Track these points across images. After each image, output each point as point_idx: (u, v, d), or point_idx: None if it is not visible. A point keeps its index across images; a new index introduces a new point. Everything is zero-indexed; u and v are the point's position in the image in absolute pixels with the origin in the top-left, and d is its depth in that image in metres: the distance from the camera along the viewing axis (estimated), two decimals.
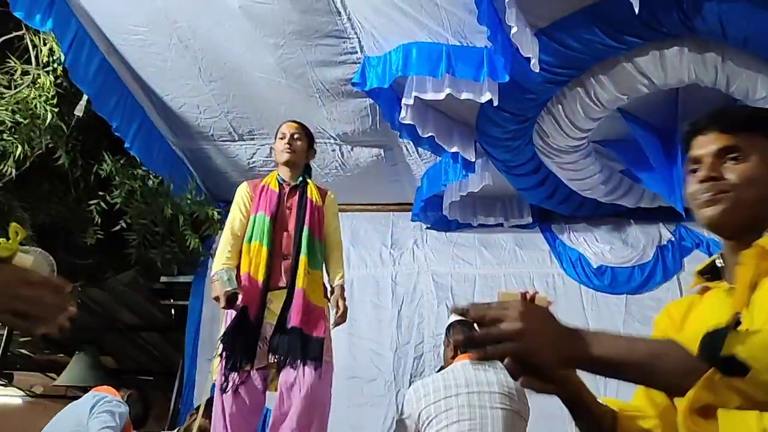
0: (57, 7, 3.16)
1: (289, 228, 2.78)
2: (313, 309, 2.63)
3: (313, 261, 2.71)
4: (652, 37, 2.89)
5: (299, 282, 2.63)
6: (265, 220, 2.74)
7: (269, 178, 2.93)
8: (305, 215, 2.78)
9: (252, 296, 2.62)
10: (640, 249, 4.37)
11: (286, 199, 2.84)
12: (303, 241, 2.71)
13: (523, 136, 3.57)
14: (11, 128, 3.44)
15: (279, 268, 2.70)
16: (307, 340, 2.56)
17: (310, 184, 2.92)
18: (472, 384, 2.57)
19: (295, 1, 3.10)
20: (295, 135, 2.96)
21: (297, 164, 2.94)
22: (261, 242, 2.70)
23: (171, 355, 6.41)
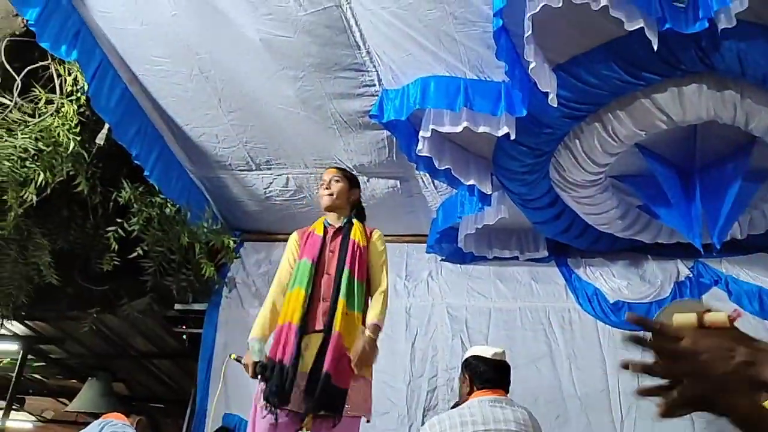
0: (82, 37, 3.22)
1: (330, 271, 2.79)
2: (344, 354, 2.61)
3: (351, 303, 2.71)
4: (671, 73, 2.89)
5: (336, 325, 2.63)
6: (308, 265, 2.78)
7: (316, 224, 2.98)
8: (346, 256, 2.79)
9: (290, 340, 2.62)
10: (657, 285, 4.32)
11: (329, 243, 2.87)
12: (342, 283, 2.72)
13: (539, 170, 3.56)
14: (34, 156, 3.50)
15: (316, 311, 2.71)
16: (333, 392, 2.54)
17: (355, 224, 2.94)
18: (489, 421, 2.53)
19: (315, 34, 3.14)
20: (335, 178, 3.01)
21: (340, 207, 2.99)
22: (301, 287, 2.73)
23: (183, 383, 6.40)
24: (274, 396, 2.54)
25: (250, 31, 3.18)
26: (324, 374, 2.54)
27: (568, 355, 4.23)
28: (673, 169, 3.61)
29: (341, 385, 2.57)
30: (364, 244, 2.87)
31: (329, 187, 2.99)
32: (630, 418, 4.01)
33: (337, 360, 2.58)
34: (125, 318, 4.80)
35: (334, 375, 2.55)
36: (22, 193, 3.52)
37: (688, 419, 3.96)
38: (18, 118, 3.54)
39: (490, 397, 2.67)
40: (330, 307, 2.68)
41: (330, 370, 2.55)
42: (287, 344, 2.61)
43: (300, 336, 2.62)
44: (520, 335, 4.32)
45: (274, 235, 4.76)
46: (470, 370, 2.85)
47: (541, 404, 4.03)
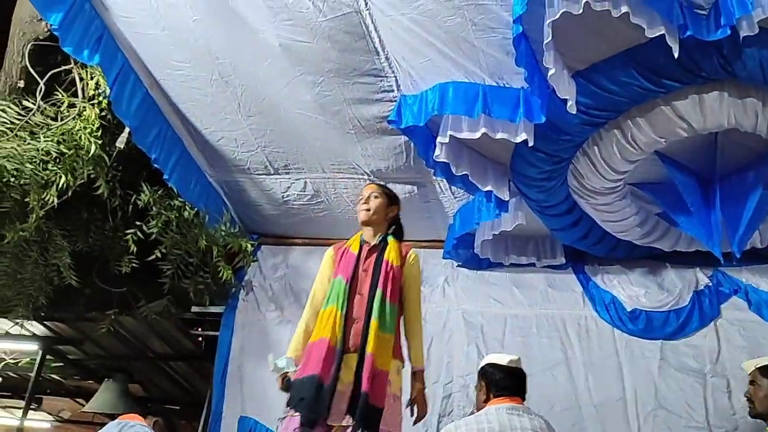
0: (104, 42, 3.26)
1: (363, 291, 2.82)
2: (378, 374, 2.66)
3: (383, 324, 2.74)
4: (692, 81, 2.87)
5: (369, 347, 2.67)
6: (342, 284, 2.81)
7: (352, 240, 3.01)
8: (379, 278, 2.81)
9: (327, 358, 2.66)
10: (676, 293, 4.27)
11: (363, 261, 2.90)
12: (375, 305, 2.76)
13: (557, 176, 3.55)
14: (56, 158, 3.54)
15: (351, 331, 2.75)
16: (371, 411, 2.60)
17: (391, 244, 2.96)
18: (506, 429, 2.51)
19: (335, 40, 3.16)
20: (374, 194, 3.05)
21: (376, 223, 3.01)
22: (336, 306, 2.77)
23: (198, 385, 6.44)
24: (313, 413, 2.58)
25: (270, 36, 3.20)
26: (362, 394, 2.59)
27: (584, 363, 4.20)
28: (693, 177, 3.58)
29: (378, 404, 2.62)
30: (398, 264, 2.88)
31: (367, 201, 3.02)
32: (647, 428, 3.97)
33: (372, 380, 2.63)
34: (142, 320, 4.84)
35: (371, 395, 2.60)
36: (43, 196, 3.57)
37: (706, 429, 3.92)
38: (41, 121, 3.60)
39: (507, 404, 2.64)
40: (363, 328, 2.73)
41: (367, 390, 2.59)
42: (325, 362, 2.65)
43: (340, 355, 2.68)
44: (536, 342, 4.29)
45: (292, 239, 4.78)
46: (486, 377, 2.82)
47: (556, 412, 4.01)
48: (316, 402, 2.58)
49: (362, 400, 2.59)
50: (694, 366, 4.10)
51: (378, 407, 2.62)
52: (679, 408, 4.00)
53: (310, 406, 2.58)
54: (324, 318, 2.78)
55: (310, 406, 2.58)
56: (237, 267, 4.57)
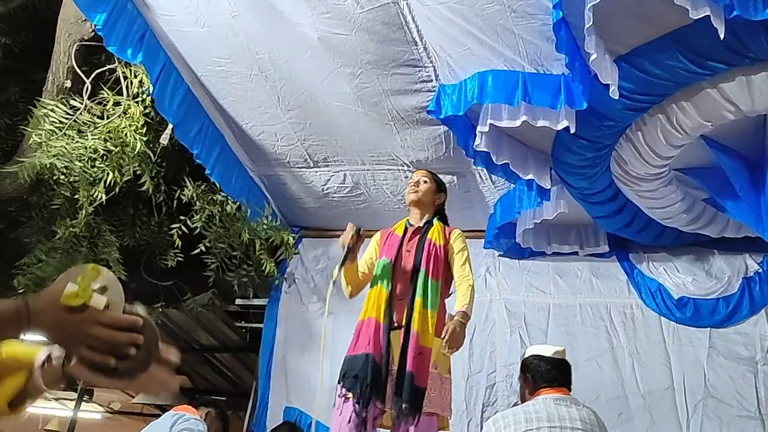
0: (147, 41, 3.32)
1: (406, 269, 2.87)
2: (422, 351, 2.67)
3: (426, 301, 2.77)
4: (739, 62, 2.79)
5: (414, 324, 2.70)
6: (386, 264, 2.88)
7: (399, 224, 3.08)
8: (422, 256, 2.86)
9: (376, 337, 2.70)
10: (724, 280, 4.19)
11: (407, 242, 2.96)
12: (418, 282, 2.79)
13: (600, 163, 3.50)
14: (103, 156, 3.63)
15: (396, 309, 2.79)
16: (415, 391, 2.59)
17: (435, 224, 3.00)
18: (554, 419, 2.49)
19: (373, 31, 3.16)
20: (423, 179, 3.10)
21: (424, 205, 3.06)
22: (382, 285, 2.82)
23: (244, 377, 6.54)
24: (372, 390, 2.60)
25: (308, 29, 3.22)
26: (408, 374, 2.60)
27: (630, 352, 4.15)
28: (740, 161, 3.49)
29: (421, 384, 2.63)
30: (441, 243, 2.91)
31: (417, 185, 3.07)
32: (697, 417, 3.91)
33: (417, 359, 2.64)
34: (189, 312, 4.94)
35: (416, 374, 2.61)
36: (92, 192, 3.66)
37: (758, 419, 3.83)
38: (87, 119, 3.68)
39: (554, 395, 2.62)
40: (408, 305, 2.75)
41: (412, 369, 2.61)
42: (375, 341, 2.69)
43: (388, 333, 2.71)
44: (581, 331, 4.26)
45: (332, 232, 4.80)
46: (532, 369, 2.78)
47: (602, 402, 3.97)
48: (372, 382, 2.60)
49: (407, 381, 2.59)
50: (745, 354, 4.02)
51: (421, 387, 2.62)
52: (729, 397, 3.92)
53: (365, 386, 2.60)
54: (372, 298, 2.82)
55: (365, 386, 2.60)
56: (279, 260, 4.63)
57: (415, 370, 2.62)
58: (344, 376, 2.69)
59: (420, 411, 2.59)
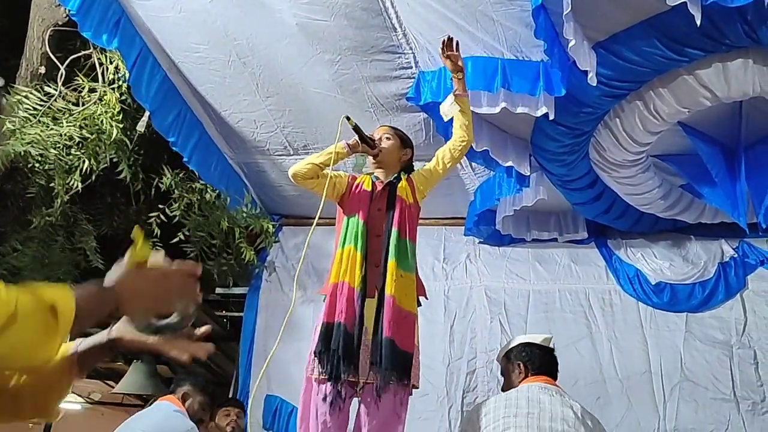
0: (122, 26, 3.27)
1: (379, 232, 2.68)
2: (405, 315, 2.52)
3: (403, 264, 2.60)
4: (715, 49, 2.82)
5: (389, 288, 2.53)
6: (359, 224, 2.66)
7: (363, 178, 2.84)
8: (394, 216, 2.68)
9: (349, 305, 2.51)
10: (701, 266, 4.24)
11: (377, 199, 2.75)
12: (391, 245, 2.61)
13: (579, 150, 3.52)
14: (79, 143, 3.58)
15: (372, 275, 2.60)
16: (400, 357, 2.45)
17: (402, 180, 2.81)
18: (534, 404, 2.51)
19: (352, 17, 3.14)
20: (386, 135, 2.88)
21: (388, 163, 2.84)
22: (355, 247, 2.62)
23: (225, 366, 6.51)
24: (342, 362, 2.42)
25: (286, 15, 3.19)
26: (386, 340, 2.44)
27: (608, 337, 4.20)
28: (717, 147, 3.53)
29: (408, 348, 2.48)
30: (411, 200, 2.75)
31: (379, 143, 2.84)
32: (673, 400, 3.97)
33: (397, 324, 2.47)
34: None
35: (398, 339, 2.45)
36: (67, 181, 3.61)
37: (733, 401, 3.90)
38: (62, 106, 3.62)
39: (540, 383, 2.65)
40: (381, 270, 2.58)
41: (392, 335, 2.44)
42: (348, 307, 2.50)
43: (362, 300, 2.52)
44: (560, 317, 4.29)
45: (312, 220, 4.75)
46: (523, 357, 2.77)
47: (581, 386, 4.01)
48: (345, 353, 2.43)
49: (387, 347, 2.43)
50: (720, 338, 4.09)
51: (408, 352, 2.47)
52: (705, 380, 3.99)
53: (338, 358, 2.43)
54: (343, 259, 2.60)
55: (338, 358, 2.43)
56: (259, 248, 4.60)
57: (398, 335, 2.45)
58: (318, 351, 2.49)
59: (409, 376, 2.45)
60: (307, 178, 2.75)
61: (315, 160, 2.76)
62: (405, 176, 2.84)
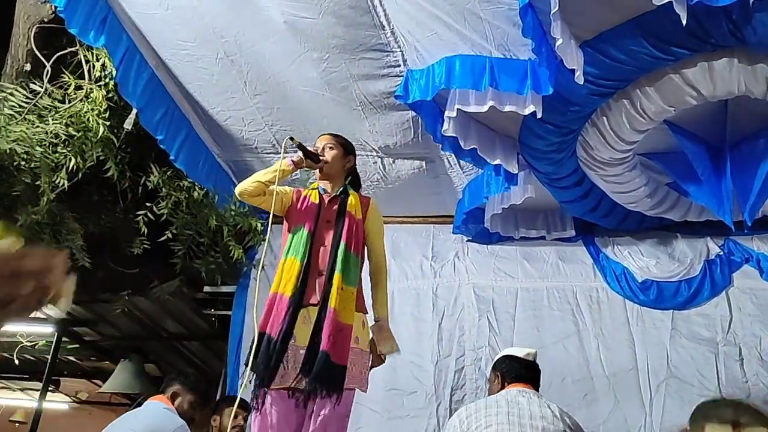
0: (109, 23, 3.25)
1: (326, 243, 2.72)
2: (342, 328, 2.57)
3: (346, 277, 2.65)
4: (701, 48, 2.84)
5: (332, 301, 2.57)
6: (304, 234, 2.71)
7: (310, 190, 2.91)
8: (342, 229, 2.72)
9: (278, 313, 2.56)
10: (687, 263, 4.28)
11: (325, 212, 2.79)
12: (338, 257, 2.66)
13: (566, 148, 3.53)
14: (65, 141, 3.55)
15: (314, 284, 2.64)
16: (333, 370, 2.50)
17: (351, 195, 2.86)
18: (513, 404, 2.57)
19: (340, 15, 3.13)
20: (328, 145, 2.92)
21: (333, 174, 2.90)
22: (296, 257, 2.66)
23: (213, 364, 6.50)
24: (264, 371, 2.49)
25: (274, 13, 3.18)
26: (322, 353, 2.48)
27: (596, 334, 4.22)
28: (703, 146, 3.56)
29: (340, 362, 2.52)
30: (360, 217, 2.81)
31: (323, 153, 2.88)
32: (659, 397, 4.00)
33: (334, 336, 2.52)
34: (156, 300, 4.88)
35: (332, 353, 2.50)
36: (54, 179, 3.58)
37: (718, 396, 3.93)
38: (48, 104, 3.59)
39: (518, 388, 2.71)
40: (326, 281, 2.62)
41: (328, 348, 2.49)
42: (278, 317, 2.55)
43: (294, 309, 2.56)
44: (548, 315, 4.32)
45: None
46: (501, 368, 2.89)
47: (568, 383, 4.05)
48: (271, 361, 2.48)
49: (322, 360, 2.47)
50: (706, 335, 4.12)
51: (341, 365, 2.52)
52: (691, 377, 4.02)
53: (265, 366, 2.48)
54: (286, 270, 2.65)
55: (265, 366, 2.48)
56: (247, 246, 4.59)
57: (333, 348, 2.50)
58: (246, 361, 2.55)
59: (341, 390, 2.50)
60: (254, 195, 2.81)
61: (261, 178, 2.81)
62: (353, 192, 2.90)
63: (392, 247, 4.62)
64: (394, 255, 4.61)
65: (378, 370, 2.81)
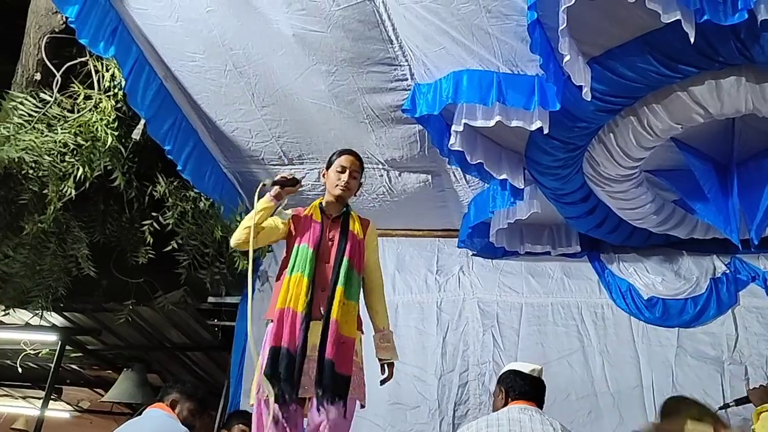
0: (119, 34, 3.28)
1: (329, 260, 2.81)
2: (344, 341, 2.65)
3: (348, 292, 2.74)
4: (709, 66, 2.84)
5: (334, 313, 2.66)
6: (308, 252, 2.78)
7: (312, 209, 2.98)
8: (346, 247, 2.82)
9: (292, 328, 2.63)
10: (693, 281, 4.25)
11: (329, 231, 2.89)
12: (341, 273, 2.75)
13: (572, 164, 3.53)
14: (73, 150, 3.57)
15: (317, 299, 2.72)
16: (337, 380, 2.58)
17: (353, 215, 2.98)
18: (515, 422, 2.56)
19: (348, 29, 3.15)
20: (354, 174, 3.00)
21: (346, 200, 3.01)
22: (303, 273, 2.73)
23: (216, 375, 6.49)
24: (287, 384, 2.54)
25: (283, 26, 3.20)
26: (328, 362, 2.57)
27: (600, 351, 4.20)
28: (710, 163, 3.55)
29: (345, 371, 2.61)
30: (361, 236, 2.91)
31: (348, 182, 2.97)
32: None
33: (337, 347, 2.61)
34: (160, 310, 4.89)
35: (337, 362, 2.58)
36: (61, 187, 3.60)
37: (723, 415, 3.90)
38: (58, 113, 3.62)
39: (521, 405, 2.69)
40: (329, 295, 2.71)
41: (332, 357, 2.58)
42: (293, 331, 2.62)
43: (306, 323, 2.64)
44: (552, 331, 4.30)
45: None
46: (506, 383, 2.88)
47: (572, 400, 4.02)
48: (289, 375, 2.55)
49: (327, 368, 2.56)
50: (712, 354, 4.09)
51: (346, 375, 2.61)
52: (696, 395, 3.97)
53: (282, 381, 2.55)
54: (291, 285, 2.72)
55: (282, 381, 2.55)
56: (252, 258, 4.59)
57: (337, 358, 2.59)
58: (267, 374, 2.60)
59: (346, 398, 2.58)
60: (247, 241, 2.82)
61: (248, 223, 2.83)
62: (353, 212, 3.01)
63: (397, 260, 4.63)
64: (399, 268, 4.60)
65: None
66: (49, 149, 3.53)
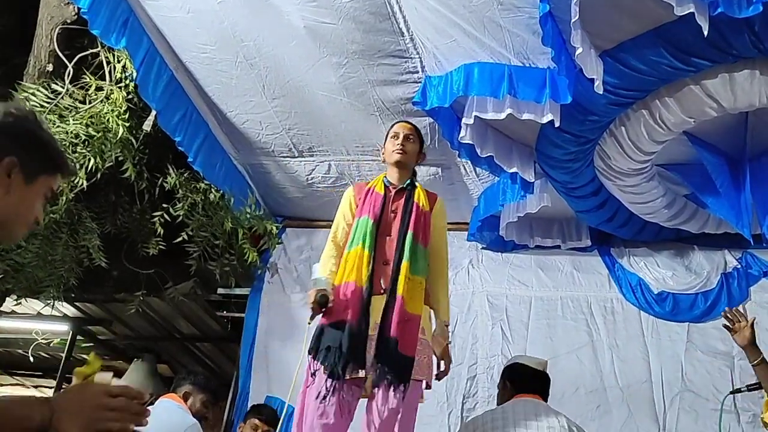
0: (131, 25, 3.28)
1: (392, 233, 2.70)
2: (410, 318, 2.54)
3: (414, 267, 2.62)
4: (722, 59, 2.81)
5: (399, 289, 2.55)
6: (369, 224, 2.68)
7: (376, 181, 2.88)
8: (410, 219, 2.69)
9: (354, 302, 2.54)
10: (703, 276, 4.23)
11: (391, 203, 2.77)
12: (406, 246, 2.63)
13: (583, 158, 3.51)
14: (84, 141, 3.59)
15: (379, 273, 2.62)
16: (401, 360, 2.46)
17: (418, 187, 2.85)
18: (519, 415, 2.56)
19: (359, 21, 3.15)
20: (410, 136, 2.90)
21: (407, 166, 2.88)
22: (363, 246, 2.63)
23: (225, 366, 6.52)
24: (348, 359, 2.44)
25: (294, 18, 3.20)
26: (391, 340, 2.45)
27: (610, 345, 4.19)
28: (722, 157, 3.52)
29: (408, 352, 2.48)
30: (428, 209, 2.77)
31: (404, 144, 2.84)
32: (673, 410, 3.96)
33: (402, 325, 2.49)
34: (170, 301, 4.91)
35: (400, 341, 2.46)
36: (73, 178, 3.61)
37: (734, 412, 3.89)
38: (69, 104, 3.64)
39: (526, 398, 2.69)
40: (393, 270, 2.59)
41: (396, 335, 2.46)
42: (353, 307, 2.52)
43: (368, 297, 2.54)
44: (561, 324, 4.29)
45: (316, 222, 4.80)
46: (511, 376, 2.87)
47: (581, 394, 4.01)
48: (349, 351, 2.44)
49: (390, 347, 2.44)
50: (722, 349, 4.07)
51: (409, 356, 2.47)
52: (705, 391, 3.97)
53: (340, 356, 2.44)
54: (350, 260, 2.63)
55: (340, 356, 2.44)
56: (262, 249, 4.61)
57: (401, 337, 2.47)
58: (317, 348, 2.52)
59: (408, 380, 2.45)
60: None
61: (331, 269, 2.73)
62: (419, 184, 2.87)
63: None
64: None
65: None
66: (61, 140, 3.54)
